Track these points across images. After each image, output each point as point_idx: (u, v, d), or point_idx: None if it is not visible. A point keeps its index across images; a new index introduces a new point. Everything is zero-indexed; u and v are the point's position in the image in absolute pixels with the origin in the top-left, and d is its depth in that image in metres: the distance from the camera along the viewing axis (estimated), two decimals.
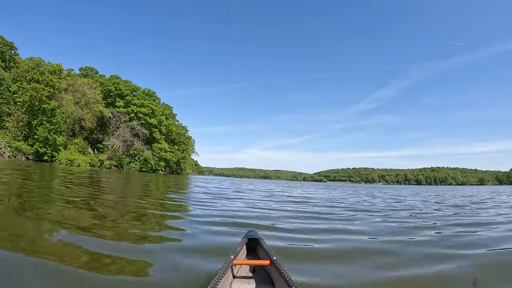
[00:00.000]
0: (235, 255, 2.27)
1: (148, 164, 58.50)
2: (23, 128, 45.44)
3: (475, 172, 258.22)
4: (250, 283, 2.25)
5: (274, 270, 2.18)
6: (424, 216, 7.50)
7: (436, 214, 7.91)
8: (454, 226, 5.73)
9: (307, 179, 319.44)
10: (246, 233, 2.82)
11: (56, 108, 43.90)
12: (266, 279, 2.32)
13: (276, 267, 2.11)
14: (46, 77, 44.60)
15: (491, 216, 7.79)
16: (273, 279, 2.25)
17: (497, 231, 5.22)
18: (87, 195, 7.88)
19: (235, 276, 2.35)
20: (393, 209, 9.07)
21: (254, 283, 2.26)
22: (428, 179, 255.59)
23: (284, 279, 1.91)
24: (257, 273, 2.44)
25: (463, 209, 9.82)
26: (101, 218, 4.78)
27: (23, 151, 42.93)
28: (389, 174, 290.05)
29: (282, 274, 1.96)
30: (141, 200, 8.11)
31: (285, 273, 1.96)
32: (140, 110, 59.36)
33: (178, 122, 75.34)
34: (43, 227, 3.84)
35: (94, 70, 69.23)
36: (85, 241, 3.20)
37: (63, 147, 45.76)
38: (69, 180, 12.94)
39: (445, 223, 6.08)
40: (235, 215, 6.25)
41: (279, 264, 2.10)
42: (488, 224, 6.12)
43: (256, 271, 2.46)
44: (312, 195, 15.64)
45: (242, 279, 2.33)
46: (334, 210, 8.22)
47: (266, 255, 2.37)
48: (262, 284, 2.24)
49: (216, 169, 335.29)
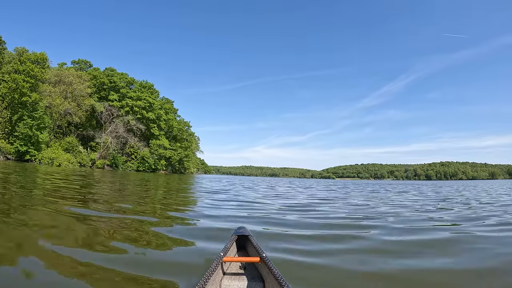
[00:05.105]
0: (225, 252, 2.23)
1: (145, 163, 53.26)
2: (5, 125, 40.52)
3: (485, 166, 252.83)
4: (240, 280, 2.20)
5: (264, 267, 2.16)
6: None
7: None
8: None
9: (315, 176, 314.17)
10: (235, 230, 2.79)
11: (38, 101, 38.77)
12: (256, 276, 2.26)
13: (266, 264, 2.09)
14: (27, 67, 39.41)
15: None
16: (263, 276, 2.20)
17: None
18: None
19: (225, 273, 2.29)
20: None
21: (244, 280, 2.21)
22: (438, 174, 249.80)
23: (274, 276, 1.87)
24: (247, 270, 2.37)
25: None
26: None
27: (2, 150, 37.95)
28: (398, 170, 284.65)
29: (272, 271, 1.93)
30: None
31: (275, 270, 1.92)
32: (136, 104, 54.07)
33: (180, 117, 70.14)
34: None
35: (88, 63, 63.98)
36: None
37: (46, 145, 40.59)
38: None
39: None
40: None
41: (269, 261, 2.07)
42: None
43: (246, 268, 2.39)
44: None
45: (232, 276, 2.27)
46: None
47: (256, 252, 2.34)
48: (252, 281, 2.18)
49: (223, 167, 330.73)
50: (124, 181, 16.24)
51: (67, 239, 3.20)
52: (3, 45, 52.07)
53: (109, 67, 59.95)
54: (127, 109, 53.57)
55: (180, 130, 63.09)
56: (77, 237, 3.33)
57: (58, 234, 3.40)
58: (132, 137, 52.96)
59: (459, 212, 7.11)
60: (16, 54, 45.73)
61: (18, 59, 41.58)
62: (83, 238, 3.31)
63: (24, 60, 40.75)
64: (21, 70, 39.45)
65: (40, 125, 38.56)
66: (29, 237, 3.18)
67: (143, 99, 55.48)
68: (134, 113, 53.88)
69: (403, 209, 7.49)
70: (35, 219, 4.05)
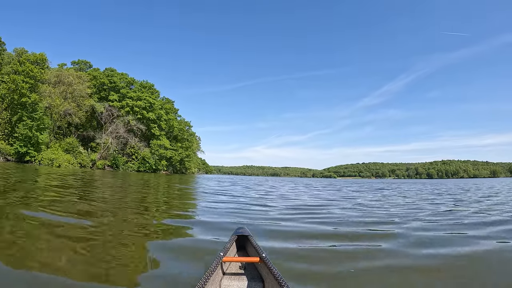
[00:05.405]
0: (225, 252, 2.22)
1: (146, 163, 52.92)
2: (5, 126, 40.25)
3: (486, 165, 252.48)
4: (240, 280, 2.19)
5: (264, 267, 2.15)
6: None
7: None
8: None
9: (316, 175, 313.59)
10: (235, 230, 2.77)
11: (38, 102, 38.47)
12: (256, 276, 2.25)
13: (265, 264, 2.08)
14: (26, 67, 39.08)
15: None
16: (263, 276, 2.19)
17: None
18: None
19: (225, 273, 2.28)
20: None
21: (244, 280, 2.20)
22: (440, 172, 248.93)
23: (274, 276, 1.86)
24: (247, 270, 2.36)
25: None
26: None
27: (2, 152, 37.69)
28: (400, 168, 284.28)
29: (272, 271, 1.92)
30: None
31: (274, 270, 1.91)
32: (136, 104, 53.69)
33: (181, 117, 69.75)
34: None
35: (88, 63, 63.68)
36: None
37: (46, 146, 40.31)
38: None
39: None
40: None
41: (269, 261, 2.05)
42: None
43: (246, 268, 2.38)
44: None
45: (232, 276, 2.26)
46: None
47: (255, 252, 2.33)
48: (252, 281, 2.17)
49: (224, 167, 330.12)
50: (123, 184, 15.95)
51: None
52: (3, 46, 51.82)
53: (109, 68, 59.59)
54: (127, 109, 53.23)
55: (181, 130, 62.72)
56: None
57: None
58: (133, 137, 52.66)
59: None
60: (15, 55, 45.49)
61: (18, 60, 41.31)
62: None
63: (23, 60, 40.44)
64: (21, 70, 39.12)
65: (39, 126, 38.28)
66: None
67: (144, 99, 55.11)
68: (134, 113, 53.54)
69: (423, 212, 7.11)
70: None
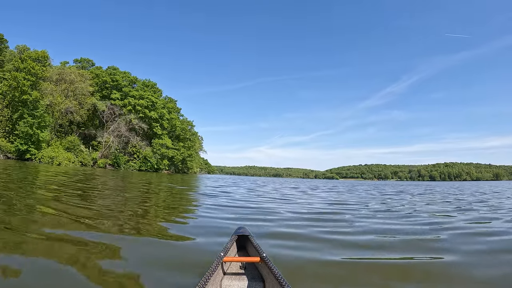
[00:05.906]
0: (225, 252, 2.20)
1: (148, 162, 52.39)
2: (6, 124, 39.85)
3: (489, 167, 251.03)
4: (241, 280, 2.17)
5: (264, 267, 2.13)
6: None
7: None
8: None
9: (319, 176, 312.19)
10: (235, 230, 2.74)
11: (39, 99, 38.04)
12: (256, 276, 2.23)
13: (266, 264, 2.06)
14: (28, 65, 38.68)
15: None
16: (263, 276, 2.17)
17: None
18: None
19: (225, 273, 2.26)
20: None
21: (244, 280, 2.18)
22: (442, 175, 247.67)
23: (275, 276, 1.84)
24: (247, 270, 2.33)
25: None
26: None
27: (2, 149, 37.28)
28: (402, 170, 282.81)
29: (272, 271, 1.90)
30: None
31: (275, 270, 1.89)
32: (138, 102, 53.23)
33: (183, 116, 69.26)
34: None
35: (91, 61, 63.36)
36: None
37: (47, 144, 39.85)
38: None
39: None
40: None
41: (269, 261, 2.03)
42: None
43: (247, 268, 2.35)
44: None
45: (232, 276, 2.23)
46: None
47: (256, 252, 2.32)
48: (253, 281, 2.15)
49: (227, 167, 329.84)
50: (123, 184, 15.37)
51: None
52: (5, 44, 51.60)
53: (112, 66, 59.11)
54: (129, 108, 52.77)
55: (183, 130, 62.21)
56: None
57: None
58: (135, 136, 52.16)
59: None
60: (17, 52, 45.15)
61: (19, 57, 40.94)
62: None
63: (25, 58, 40.08)
64: (22, 68, 38.77)
65: (40, 123, 37.85)
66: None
67: (146, 98, 54.65)
68: (136, 112, 53.08)
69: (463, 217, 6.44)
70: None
